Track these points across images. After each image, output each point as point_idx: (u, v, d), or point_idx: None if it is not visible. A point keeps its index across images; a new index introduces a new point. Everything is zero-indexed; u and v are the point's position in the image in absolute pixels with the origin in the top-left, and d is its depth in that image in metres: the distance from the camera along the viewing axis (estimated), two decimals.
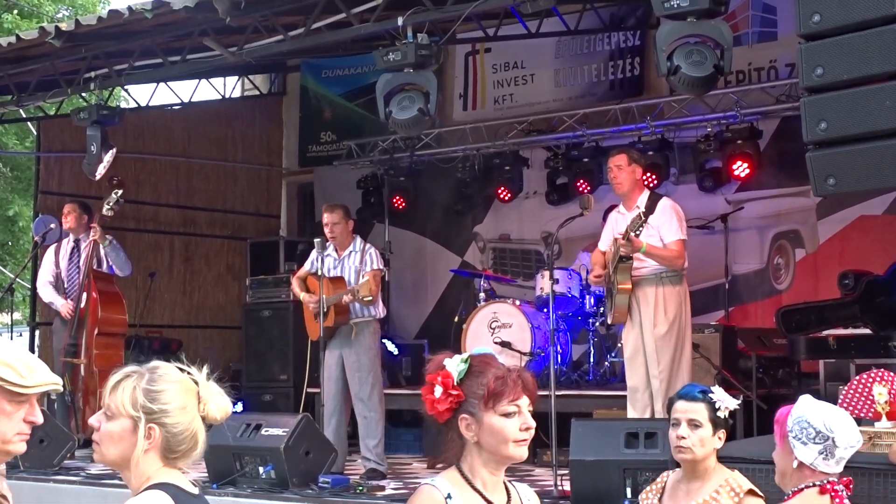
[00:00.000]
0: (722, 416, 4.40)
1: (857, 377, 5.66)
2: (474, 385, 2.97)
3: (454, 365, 2.99)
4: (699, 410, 4.37)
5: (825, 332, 9.05)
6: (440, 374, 3.01)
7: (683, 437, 4.35)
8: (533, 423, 2.97)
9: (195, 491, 2.98)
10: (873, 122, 5.33)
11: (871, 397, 5.25)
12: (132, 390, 2.83)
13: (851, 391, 5.56)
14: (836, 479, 3.88)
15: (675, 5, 6.30)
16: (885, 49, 5.31)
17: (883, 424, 5.11)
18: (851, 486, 3.96)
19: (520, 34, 10.81)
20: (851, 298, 9.09)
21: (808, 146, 5.56)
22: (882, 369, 5.68)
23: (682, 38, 6.35)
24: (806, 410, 3.88)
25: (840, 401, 5.69)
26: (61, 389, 3.29)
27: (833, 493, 3.85)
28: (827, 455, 3.84)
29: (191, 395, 2.90)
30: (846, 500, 3.88)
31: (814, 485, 3.86)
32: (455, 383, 2.97)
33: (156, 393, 2.83)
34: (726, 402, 4.39)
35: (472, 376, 2.97)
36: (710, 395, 4.41)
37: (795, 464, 3.87)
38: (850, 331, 8.95)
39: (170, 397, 2.85)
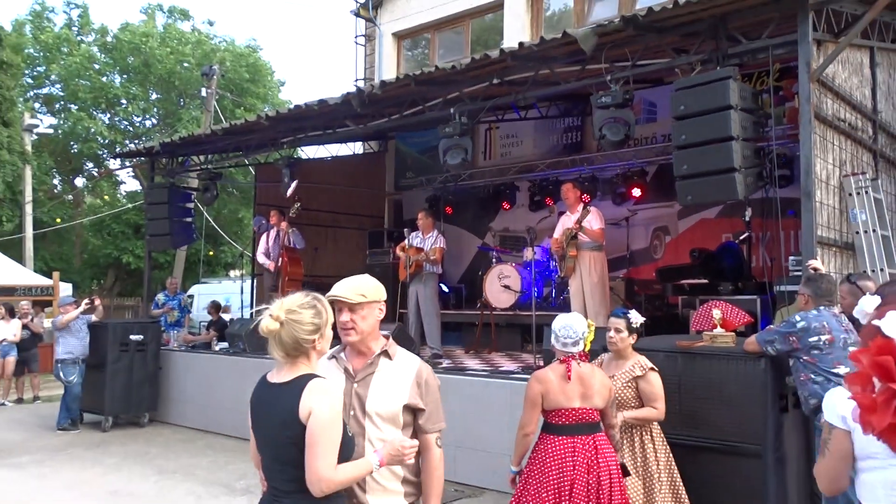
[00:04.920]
0: (634, 326, 4.35)
1: (702, 306, 5.54)
2: None
3: None
4: (621, 323, 4.32)
5: (682, 282, 9.02)
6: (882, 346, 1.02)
7: (612, 338, 4.31)
8: None
9: (276, 380, 2.40)
10: (712, 165, 5.40)
11: (711, 316, 5.10)
12: None
13: (699, 314, 5.49)
14: (572, 355, 3.82)
15: (603, 101, 6.33)
16: (720, 124, 5.38)
17: (718, 331, 4.96)
18: (582, 358, 3.86)
19: (515, 118, 10.88)
20: (697, 263, 9.10)
21: (676, 178, 5.64)
22: (716, 301, 5.62)
23: (607, 119, 6.32)
24: (556, 319, 3.91)
25: (692, 320, 5.75)
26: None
27: (567, 362, 3.79)
28: (555, 340, 3.85)
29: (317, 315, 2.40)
30: (573, 365, 3.79)
31: (558, 359, 3.85)
32: None
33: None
34: (636, 319, 4.37)
35: None
36: (628, 314, 4.38)
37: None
38: (695, 281, 8.88)
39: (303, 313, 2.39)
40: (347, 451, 2.36)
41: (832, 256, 5.85)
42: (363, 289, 2.63)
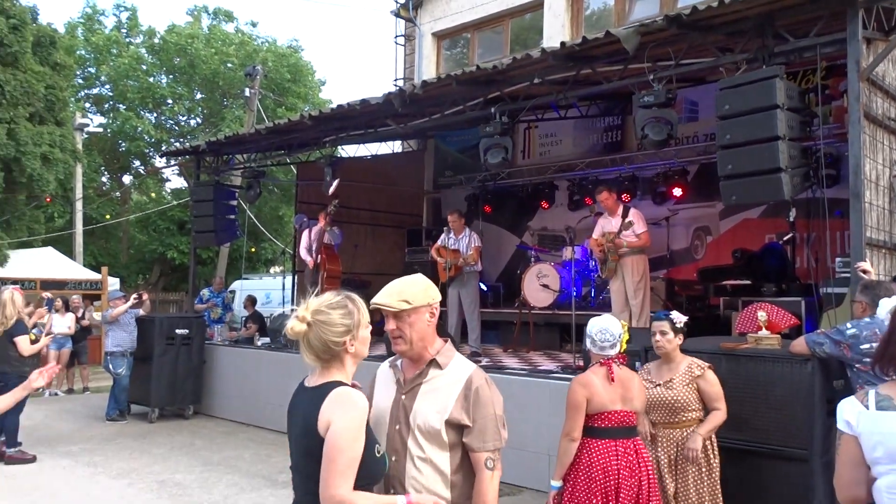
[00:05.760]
0: (678, 327, 4.23)
1: (748, 307, 5.37)
2: None
3: None
4: (665, 325, 4.20)
5: (723, 282, 8.87)
6: None
7: (659, 341, 4.19)
8: None
9: (307, 384, 2.20)
10: (758, 165, 5.30)
11: (756, 318, 4.99)
12: None
13: (744, 315, 5.35)
14: (612, 357, 3.77)
15: (646, 101, 6.25)
16: (766, 124, 5.27)
17: (763, 333, 4.85)
18: (621, 361, 3.80)
19: (554, 117, 10.73)
20: (739, 264, 8.98)
21: (721, 178, 5.55)
22: (761, 302, 5.49)
23: (650, 118, 6.23)
24: (590, 323, 3.86)
25: (737, 321, 5.58)
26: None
27: (608, 365, 3.74)
28: (592, 344, 3.81)
29: (348, 317, 2.18)
30: (614, 368, 3.73)
31: (598, 362, 3.79)
32: None
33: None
34: (679, 318, 4.27)
35: None
36: (670, 315, 4.28)
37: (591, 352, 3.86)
38: (737, 282, 8.71)
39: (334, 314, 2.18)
40: (377, 469, 2.10)
41: (881, 258, 5.68)
42: (407, 293, 2.35)
